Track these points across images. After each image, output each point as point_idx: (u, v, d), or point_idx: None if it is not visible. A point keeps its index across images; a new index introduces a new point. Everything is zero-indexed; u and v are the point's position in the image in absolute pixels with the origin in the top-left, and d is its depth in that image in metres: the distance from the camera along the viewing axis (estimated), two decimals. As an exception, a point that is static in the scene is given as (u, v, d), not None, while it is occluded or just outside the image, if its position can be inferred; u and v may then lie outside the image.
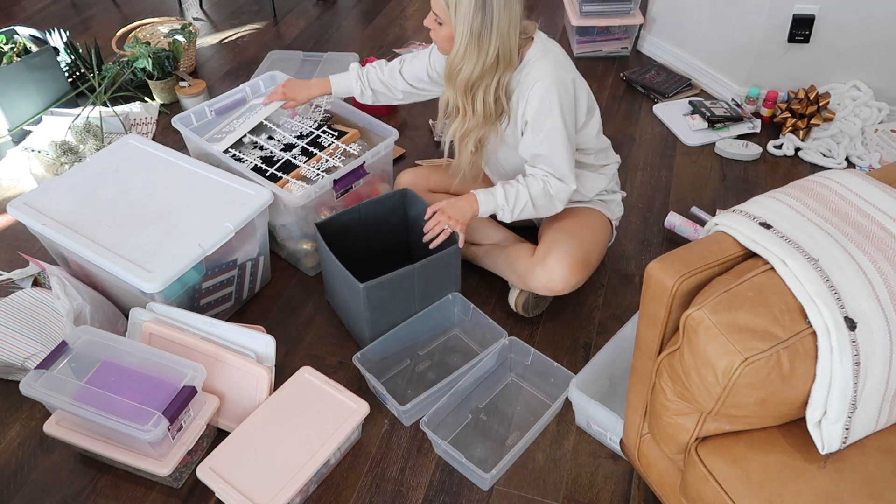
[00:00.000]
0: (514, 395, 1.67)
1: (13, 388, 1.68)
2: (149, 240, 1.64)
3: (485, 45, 1.47)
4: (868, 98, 2.40)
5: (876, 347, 0.98)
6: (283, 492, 1.37)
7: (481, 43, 1.47)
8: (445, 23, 1.48)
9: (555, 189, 1.60)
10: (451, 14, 1.45)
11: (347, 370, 1.73)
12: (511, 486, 1.50)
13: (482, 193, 1.62)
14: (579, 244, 1.69)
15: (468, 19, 1.44)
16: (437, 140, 2.49)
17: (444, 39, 1.53)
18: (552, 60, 1.54)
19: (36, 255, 1.99)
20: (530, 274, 1.69)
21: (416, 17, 3.32)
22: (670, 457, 1.21)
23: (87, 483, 1.53)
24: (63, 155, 2.26)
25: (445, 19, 1.48)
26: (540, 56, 1.54)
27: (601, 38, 2.94)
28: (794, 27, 2.35)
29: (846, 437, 1.03)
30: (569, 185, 1.61)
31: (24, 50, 2.57)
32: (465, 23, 1.44)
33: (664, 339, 1.13)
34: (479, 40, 1.46)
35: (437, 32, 1.53)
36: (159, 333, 1.59)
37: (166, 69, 2.67)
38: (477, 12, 1.43)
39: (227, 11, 3.42)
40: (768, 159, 2.39)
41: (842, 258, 1.02)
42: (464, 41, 1.47)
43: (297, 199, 1.75)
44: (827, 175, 1.17)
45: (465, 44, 1.47)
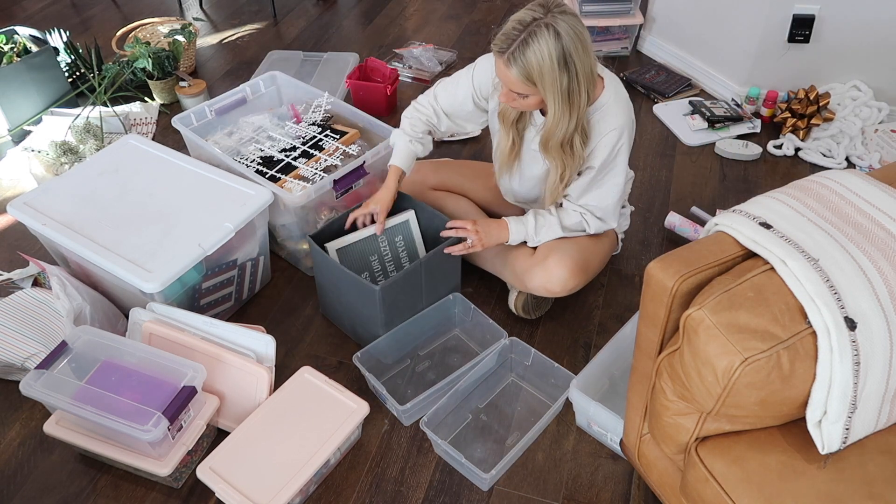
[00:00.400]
0: (514, 396, 1.67)
1: (13, 388, 1.68)
2: (149, 240, 1.64)
3: (576, 100, 1.42)
4: (868, 98, 2.40)
5: (876, 347, 0.98)
6: (283, 492, 1.37)
7: (572, 100, 1.42)
8: (532, 94, 1.42)
9: (592, 226, 1.64)
10: (538, 87, 1.39)
11: (347, 370, 1.73)
12: (511, 486, 1.50)
13: (514, 223, 1.65)
14: (581, 249, 1.69)
15: (556, 85, 1.38)
16: (437, 140, 2.48)
17: (533, 105, 1.47)
18: (625, 107, 1.52)
19: (36, 255, 1.99)
20: (529, 273, 1.69)
21: (416, 17, 3.32)
22: (670, 457, 1.21)
23: (87, 483, 1.53)
24: (63, 155, 2.26)
25: (531, 92, 1.41)
26: (613, 101, 1.51)
27: (601, 38, 2.94)
28: (794, 27, 2.35)
29: (846, 437, 1.03)
30: (608, 225, 1.65)
31: (24, 50, 2.57)
32: (554, 89, 1.38)
33: (664, 339, 1.13)
34: (570, 96, 1.41)
35: (523, 102, 1.46)
36: (159, 333, 1.59)
37: (166, 69, 2.67)
38: (563, 73, 1.37)
39: (227, 11, 3.42)
40: (768, 159, 2.39)
41: (842, 258, 1.02)
42: (558, 106, 1.41)
43: (297, 199, 1.75)
44: (827, 175, 1.17)
45: (559, 108, 1.42)
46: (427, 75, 2.84)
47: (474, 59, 1.70)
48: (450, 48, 3.03)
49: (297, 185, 1.83)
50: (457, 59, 2.96)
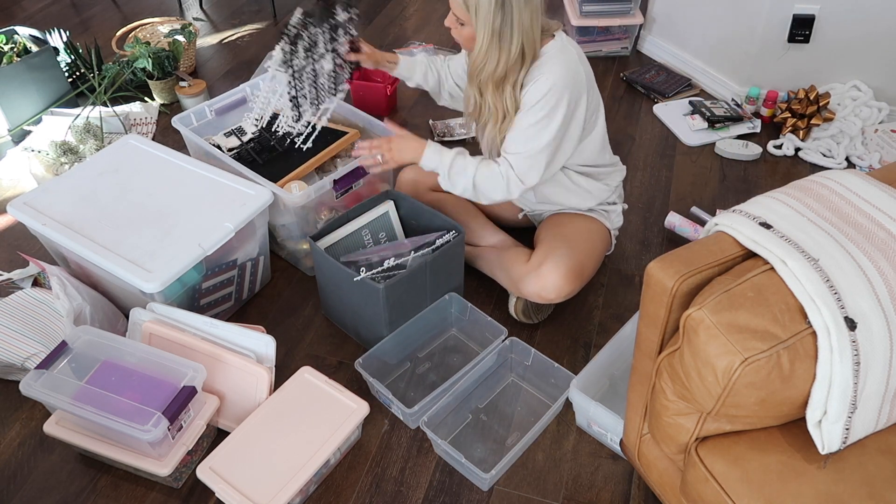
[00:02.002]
0: (514, 396, 1.67)
1: (13, 388, 1.68)
2: (149, 240, 1.64)
3: (506, 43, 1.46)
4: (868, 98, 2.40)
5: (876, 347, 0.98)
6: (283, 492, 1.37)
7: (503, 40, 1.46)
8: (467, 23, 1.48)
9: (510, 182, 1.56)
10: (471, 15, 1.45)
11: (347, 370, 1.73)
12: (511, 486, 1.50)
13: (433, 147, 1.60)
14: (575, 254, 1.68)
15: (489, 19, 1.43)
16: (437, 140, 2.49)
17: (466, 39, 1.53)
18: (566, 60, 1.52)
19: (36, 255, 1.99)
20: (523, 280, 1.68)
21: (416, 17, 3.32)
22: (670, 457, 1.21)
23: (87, 483, 1.53)
24: (63, 155, 2.26)
25: (466, 20, 1.47)
26: (556, 53, 1.52)
27: (601, 38, 2.94)
28: (794, 27, 2.35)
29: (846, 437, 1.03)
30: (524, 184, 1.56)
31: (24, 50, 2.57)
32: (486, 22, 1.44)
33: (664, 339, 1.13)
34: (501, 38, 1.46)
35: (459, 32, 1.53)
36: (159, 333, 1.59)
37: (166, 69, 2.67)
38: (497, 11, 1.42)
39: (227, 11, 3.42)
40: (768, 159, 2.39)
41: (842, 258, 1.02)
42: (485, 40, 1.46)
43: (297, 199, 1.75)
44: (827, 175, 1.17)
45: (486, 43, 1.47)
46: (427, 75, 2.83)
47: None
48: (450, 48, 3.03)
49: (297, 186, 1.83)
50: (457, 59, 2.96)
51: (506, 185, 1.56)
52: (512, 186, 1.57)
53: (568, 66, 1.52)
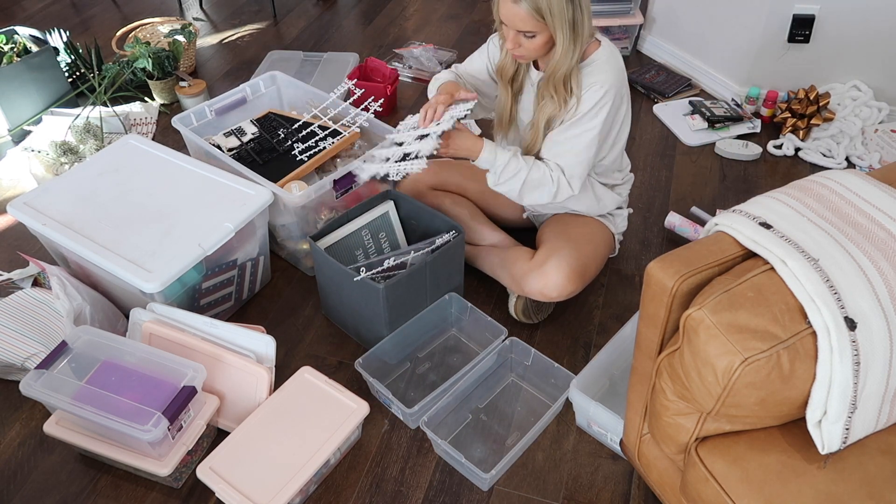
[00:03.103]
0: (514, 396, 1.67)
1: (13, 388, 1.68)
2: (149, 240, 1.64)
3: (580, 29, 1.45)
4: (868, 98, 2.40)
5: (876, 347, 0.98)
6: (283, 492, 1.37)
7: (577, 30, 1.45)
8: (538, 31, 1.44)
9: (560, 188, 1.56)
10: (547, 20, 1.42)
11: (347, 370, 1.73)
12: (511, 486, 1.50)
13: (490, 149, 1.55)
14: (579, 254, 1.68)
15: (563, 15, 1.41)
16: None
17: (537, 48, 1.49)
18: (616, 68, 1.53)
19: (36, 255, 1.99)
20: (526, 277, 1.68)
21: (416, 17, 3.32)
22: (670, 457, 1.21)
23: (87, 483, 1.53)
24: (63, 155, 2.26)
25: (538, 28, 1.44)
26: (606, 59, 1.52)
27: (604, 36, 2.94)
28: (794, 27, 2.35)
29: (846, 437, 1.03)
30: (573, 190, 1.58)
31: (24, 50, 2.57)
32: (563, 19, 1.42)
33: (664, 339, 1.13)
34: (574, 28, 1.44)
35: (529, 45, 1.48)
36: (159, 334, 1.59)
37: (166, 69, 2.67)
38: (568, 4, 1.41)
39: (227, 11, 3.42)
40: (768, 159, 2.39)
41: (842, 258, 1.02)
42: (567, 36, 1.44)
43: (297, 199, 1.75)
44: (827, 175, 1.17)
45: (567, 38, 1.44)
46: (427, 75, 2.83)
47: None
48: (450, 48, 3.03)
49: (297, 186, 1.83)
50: (457, 59, 2.96)
51: (555, 189, 1.56)
52: (562, 191, 1.57)
53: (619, 73, 1.53)
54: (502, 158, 1.55)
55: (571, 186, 1.57)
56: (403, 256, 1.66)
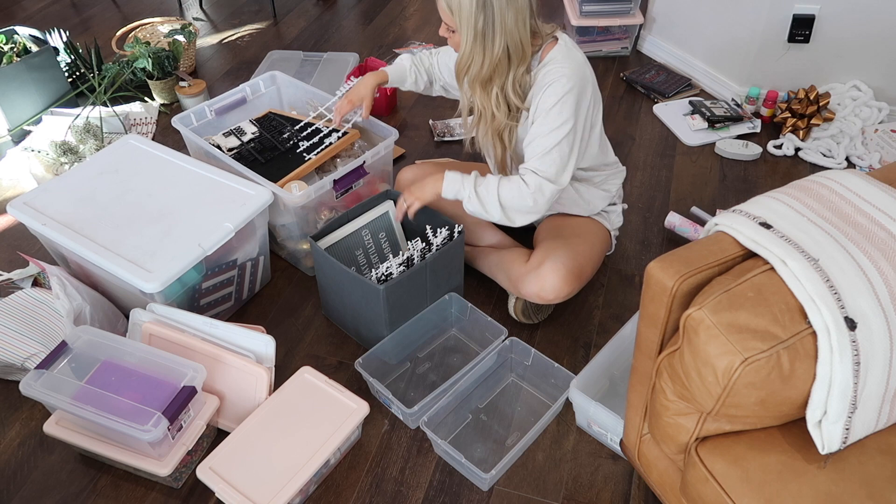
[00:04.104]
0: (514, 396, 1.67)
1: (13, 388, 1.68)
2: (149, 240, 1.64)
3: (489, 43, 1.47)
4: (868, 98, 2.40)
5: (876, 347, 0.98)
6: (283, 492, 1.37)
7: (486, 41, 1.47)
8: (454, 28, 1.49)
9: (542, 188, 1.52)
10: (455, 18, 1.46)
11: (347, 370, 1.73)
12: (511, 486, 1.50)
13: (450, 176, 1.60)
14: (575, 255, 1.68)
15: (471, 20, 1.44)
16: (438, 140, 2.49)
17: (456, 44, 1.54)
18: (576, 62, 1.53)
19: (36, 255, 1.99)
20: (522, 280, 1.68)
21: (416, 17, 3.32)
22: (670, 457, 1.21)
23: (87, 483, 1.53)
24: (63, 155, 2.26)
25: (454, 25, 1.49)
26: (563, 56, 1.53)
27: (601, 38, 2.94)
28: (794, 27, 2.35)
29: (846, 438, 1.03)
30: (558, 185, 1.54)
31: (24, 50, 2.57)
32: (469, 23, 1.45)
33: (664, 339, 1.13)
34: (484, 39, 1.47)
35: (452, 39, 1.54)
36: (159, 334, 1.59)
37: (166, 69, 2.67)
38: (479, 11, 1.43)
39: (227, 11, 3.43)
40: (768, 159, 2.39)
41: (842, 258, 1.02)
42: (469, 41, 1.47)
43: (297, 199, 1.75)
44: (827, 175, 1.17)
45: (469, 43, 1.48)
46: (427, 75, 2.84)
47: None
48: (450, 48, 3.03)
49: (297, 186, 1.83)
50: (457, 59, 2.96)
51: (532, 192, 1.52)
52: (543, 191, 1.52)
53: (578, 66, 1.53)
54: (469, 180, 1.58)
55: (554, 182, 1.53)
56: (406, 253, 1.67)
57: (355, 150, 2.06)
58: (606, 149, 1.76)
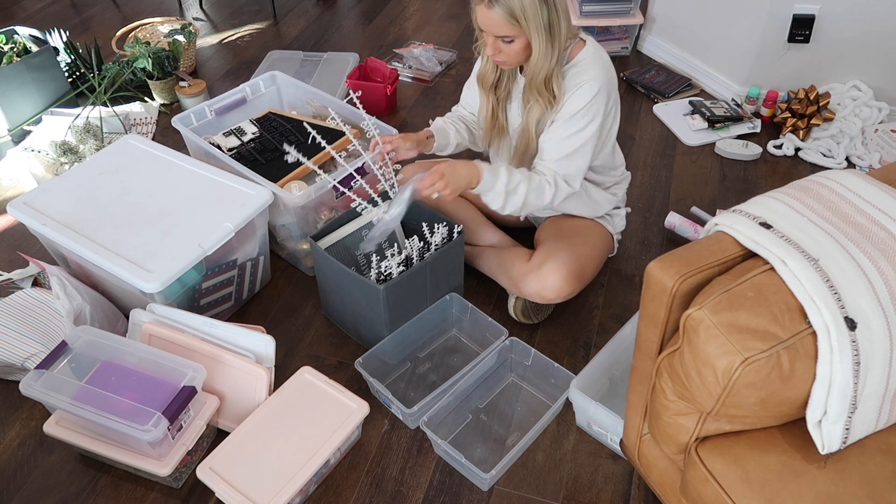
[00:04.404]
0: (514, 396, 1.67)
1: (13, 388, 1.68)
2: (149, 240, 1.64)
3: (556, 31, 1.45)
4: (868, 98, 2.40)
5: (876, 347, 0.98)
6: (283, 492, 1.37)
7: (554, 31, 1.44)
8: (515, 36, 1.44)
9: (559, 188, 1.55)
10: (522, 24, 1.41)
11: (347, 370, 1.73)
12: (511, 486, 1.50)
13: (487, 171, 1.53)
14: (577, 256, 1.68)
15: (538, 19, 1.41)
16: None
17: (516, 54, 1.48)
18: (603, 65, 1.53)
19: (36, 255, 1.99)
20: (523, 280, 1.68)
21: (416, 17, 3.32)
22: (670, 457, 1.21)
23: (87, 483, 1.53)
24: (63, 155, 2.26)
25: (514, 32, 1.43)
26: (593, 58, 1.53)
27: (601, 38, 2.94)
28: (794, 27, 2.35)
29: (846, 438, 1.03)
30: (572, 188, 1.57)
31: (24, 50, 2.57)
32: (537, 23, 1.41)
33: (664, 339, 1.13)
34: (551, 30, 1.44)
35: (508, 50, 1.47)
36: (159, 335, 1.59)
37: (166, 69, 2.67)
38: (542, 7, 1.40)
39: (227, 11, 3.42)
40: (768, 159, 2.39)
41: (842, 258, 1.02)
42: (542, 40, 1.44)
43: (297, 199, 1.75)
44: (827, 175, 1.17)
45: (543, 42, 1.44)
46: (427, 75, 2.84)
47: (473, 59, 1.71)
48: (450, 48, 3.03)
49: (297, 186, 1.83)
50: (457, 59, 2.96)
51: (553, 192, 1.55)
52: (560, 191, 1.56)
53: (606, 70, 1.54)
54: (502, 180, 1.53)
55: (570, 185, 1.57)
56: (405, 252, 1.67)
57: (355, 150, 2.06)
58: (617, 153, 1.78)
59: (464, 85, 1.84)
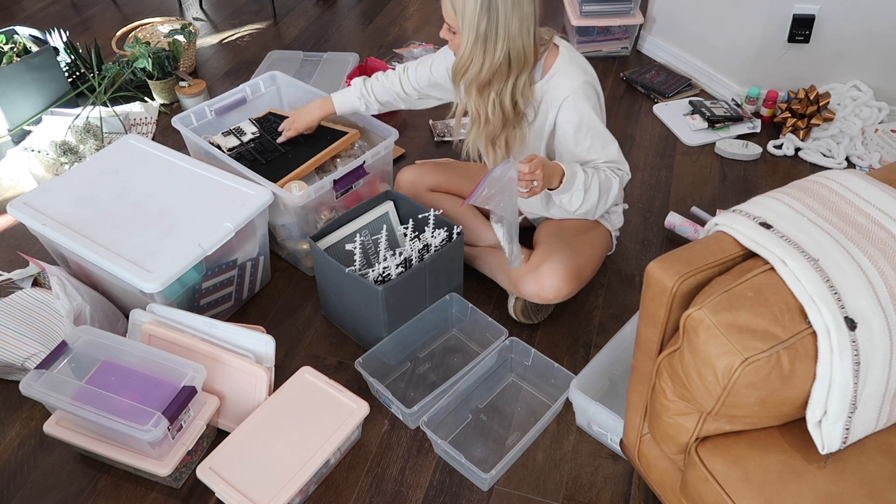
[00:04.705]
0: (514, 396, 1.67)
1: (13, 388, 1.68)
2: (149, 240, 1.64)
3: (491, 47, 1.46)
4: (868, 98, 2.40)
5: (876, 347, 0.98)
6: (283, 492, 1.37)
7: (487, 44, 1.46)
8: (457, 30, 1.48)
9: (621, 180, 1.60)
10: (458, 19, 1.45)
11: (347, 370, 1.73)
12: (511, 487, 1.50)
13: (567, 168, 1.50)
14: (575, 256, 1.68)
15: (474, 21, 1.43)
16: (438, 140, 2.49)
17: (457, 46, 1.52)
18: (581, 66, 1.55)
19: (36, 255, 1.99)
20: (522, 280, 1.68)
21: (416, 17, 3.32)
22: (670, 457, 1.21)
23: (87, 483, 1.53)
24: (63, 155, 2.26)
25: (456, 26, 1.47)
26: (567, 65, 1.54)
27: (601, 38, 2.94)
28: (794, 27, 2.35)
29: (846, 438, 1.03)
30: (627, 173, 1.62)
31: (24, 50, 2.57)
32: (471, 24, 1.43)
33: (664, 339, 1.13)
34: (486, 42, 1.45)
35: (453, 41, 1.53)
36: (159, 335, 1.59)
37: (166, 69, 2.67)
38: (483, 14, 1.42)
39: (227, 11, 3.42)
40: (768, 159, 2.39)
41: (842, 258, 1.02)
42: (469, 42, 1.46)
43: (297, 199, 1.75)
44: (827, 175, 1.17)
45: (470, 44, 1.46)
46: (427, 75, 2.83)
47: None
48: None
49: (297, 186, 1.83)
50: (457, 59, 2.96)
51: (618, 182, 1.60)
52: (621, 182, 1.61)
53: (585, 68, 1.57)
54: (579, 171, 1.52)
55: (622, 169, 1.62)
56: (403, 254, 1.67)
57: (355, 150, 2.07)
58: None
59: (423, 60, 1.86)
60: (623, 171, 1.62)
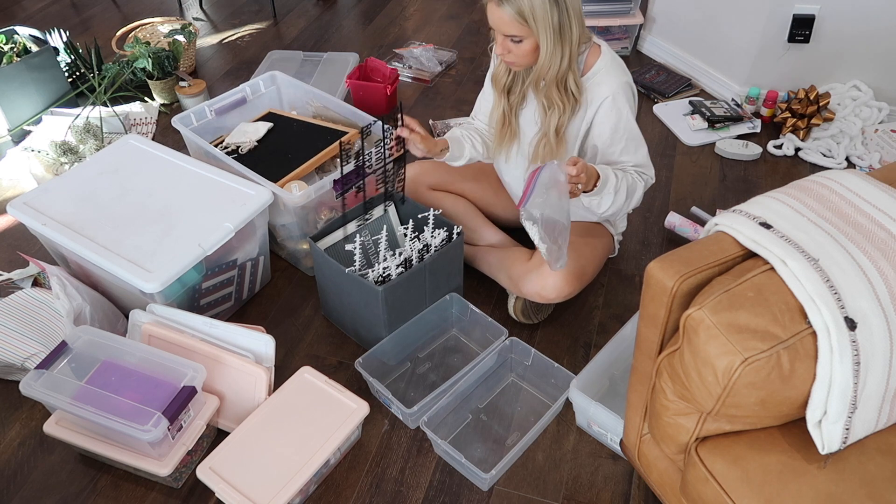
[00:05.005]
0: (514, 396, 1.67)
1: (13, 388, 1.68)
2: (149, 240, 1.64)
3: (567, 33, 1.44)
4: (868, 98, 2.40)
5: (876, 347, 0.98)
6: (283, 492, 1.37)
7: (563, 33, 1.44)
8: (525, 36, 1.44)
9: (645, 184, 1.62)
10: (530, 24, 1.41)
11: (347, 370, 1.73)
12: (511, 486, 1.50)
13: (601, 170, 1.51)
14: (577, 256, 1.68)
15: (547, 18, 1.40)
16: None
17: (525, 54, 1.47)
18: (621, 70, 1.56)
19: (36, 255, 1.99)
20: (524, 279, 1.68)
21: (416, 16, 3.32)
22: (670, 457, 1.21)
23: (87, 483, 1.53)
24: (63, 155, 2.26)
25: (524, 33, 1.43)
26: (610, 65, 1.55)
27: (601, 38, 2.94)
28: (794, 27, 2.35)
29: (846, 438, 1.03)
30: (651, 177, 1.63)
31: (24, 50, 2.57)
32: (546, 23, 1.41)
33: (664, 339, 1.13)
34: (562, 31, 1.43)
35: (517, 50, 1.47)
36: (158, 335, 1.59)
37: (166, 69, 2.67)
38: (553, 8, 1.40)
39: (227, 11, 3.43)
40: (768, 159, 2.39)
41: (842, 258, 1.02)
42: (550, 41, 1.43)
43: (297, 199, 1.75)
44: (827, 175, 1.17)
45: (552, 43, 1.43)
46: (427, 75, 2.84)
47: (474, 59, 1.71)
48: (450, 48, 3.03)
49: (297, 186, 1.83)
50: (457, 59, 2.96)
51: (643, 186, 1.61)
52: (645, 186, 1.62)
53: (626, 71, 1.58)
54: (610, 174, 1.53)
55: (647, 173, 1.62)
56: (404, 254, 1.66)
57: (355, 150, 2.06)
58: None
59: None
60: (648, 175, 1.62)
